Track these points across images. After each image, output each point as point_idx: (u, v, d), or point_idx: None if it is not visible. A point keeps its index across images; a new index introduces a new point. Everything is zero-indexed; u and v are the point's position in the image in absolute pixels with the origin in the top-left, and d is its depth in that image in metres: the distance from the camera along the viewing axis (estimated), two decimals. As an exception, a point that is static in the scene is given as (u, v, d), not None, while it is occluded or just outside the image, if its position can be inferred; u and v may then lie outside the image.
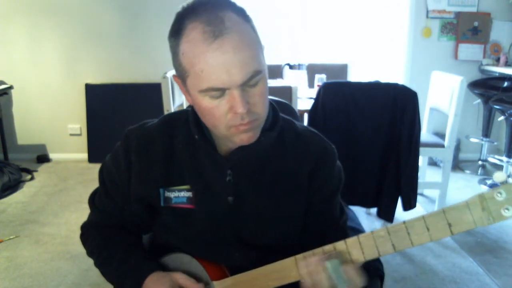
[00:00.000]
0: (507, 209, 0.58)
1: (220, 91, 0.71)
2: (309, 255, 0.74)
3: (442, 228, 0.62)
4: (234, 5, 0.73)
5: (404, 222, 0.66)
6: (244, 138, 0.76)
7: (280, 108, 0.89)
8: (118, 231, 0.95)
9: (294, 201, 0.88)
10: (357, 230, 1.28)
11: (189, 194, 0.85)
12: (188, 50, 0.70)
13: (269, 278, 0.78)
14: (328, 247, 0.72)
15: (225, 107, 0.72)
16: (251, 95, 0.73)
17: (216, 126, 0.76)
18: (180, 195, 0.86)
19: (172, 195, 0.86)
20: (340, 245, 0.71)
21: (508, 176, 0.59)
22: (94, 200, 0.98)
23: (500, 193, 0.58)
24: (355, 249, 0.69)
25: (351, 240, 0.70)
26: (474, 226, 0.60)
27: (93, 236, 0.96)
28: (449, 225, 0.62)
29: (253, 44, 0.72)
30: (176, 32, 0.72)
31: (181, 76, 0.75)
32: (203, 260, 0.88)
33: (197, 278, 0.86)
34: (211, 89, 0.70)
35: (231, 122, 0.73)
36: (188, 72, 0.72)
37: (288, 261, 0.76)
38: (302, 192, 0.88)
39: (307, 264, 0.72)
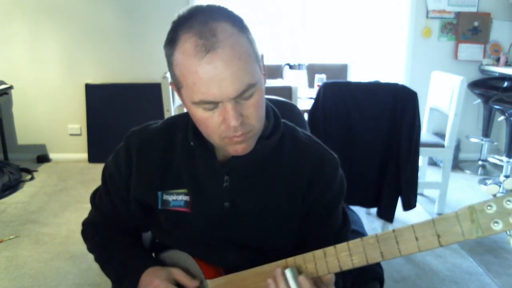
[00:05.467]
0: (497, 222, 0.57)
1: (213, 104, 0.71)
2: (299, 259, 0.75)
3: (430, 239, 0.62)
4: (230, 14, 0.71)
5: (393, 231, 0.66)
6: (238, 149, 0.77)
7: (285, 110, 0.89)
8: (117, 231, 0.96)
9: (290, 208, 0.87)
10: (359, 233, 1.27)
11: (186, 198, 0.86)
12: (181, 62, 0.70)
13: (259, 279, 0.78)
14: (318, 252, 0.73)
15: (218, 119, 0.72)
16: (245, 107, 0.72)
17: (210, 136, 0.76)
18: (178, 198, 0.86)
19: (170, 198, 0.87)
20: (329, 250, 0.71)
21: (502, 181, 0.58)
22: (95, 198, 0.99)
23: (491, 206, 0.57)
24: (344, 253, 0.70)
25: (341, 246, 0.70)
26: (463, 238, 0.59)
27: (93, 234, 0.98)
28: (438, 236, 0.61)
29: (247, 57, 0.70)
30: (171, 41, 0.72)
31: (176, 85, 0.75)
32: (199, 259, 0.89)
33: (191, 275, 0.87)
34: (203, 102, 0.70)
35: (224, 133, 0.73)
36: (182, 83, 0.72)
37: (279, 264, 0.77)
38: (299, 200, 0.87)
39: (274, 273, 0.75)
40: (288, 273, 0.73)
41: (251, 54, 0.72)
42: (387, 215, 2.29)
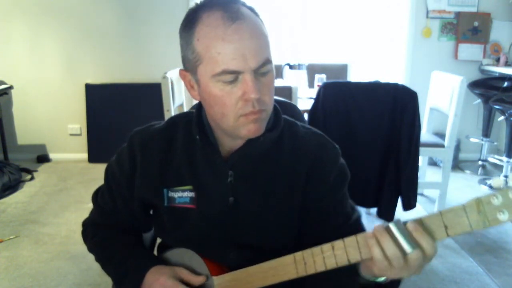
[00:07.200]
0: (502, 212, 0.59)
1: (234, 75, 0.72)
2: (307, 253, 0.73)
3: (438, 230, 0.63)
4: (244, 3, 0.77)
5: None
6: (252, 128, 0.77)
7: (286, 110, 0.90)
8: (118, 231, 0.96)
9: (292, 201, 0.88)
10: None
11: (192, 194, 0.87)
12: (205, 34, 0.73)
13: (266, 275, 0.79)
14: (326, 246, 0.71)
15: (237, 95, 0.73)
16: (261, 85, 0.74)
17: (225, 115, 0.76)
18: (183, 195, 0.87)
19: (176, 195, 0.87)
20: (338, 243, 0.71)
21: (506, 181, 0.59)
22: (97, 196, 1.00)
23: (497, 197, 0.59)
24: (352, 248, 0.69)
25: (349, 239, 0.70)
26: (470, 229, 0.61)
27: (93, 234, 0.98)
28: (446, 227, 0.62)
29: (265, 35, 0.76)
30: (190, 22, 0.75)
31: (193, 65, 0.76)
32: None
33: (197, 273, 0.87)
34: (226, 71, 0.72)
35: (241, 110, 0.74)
36: (203, 57, 0.74)
37: (287, 259, 0.76)
38: (299, 192, 0.87)
39: (373, 234, 0.66)
40: (392, 227, 0.64)
41: (267, 35, 0.77)
42: (387, 215, 2.29)
